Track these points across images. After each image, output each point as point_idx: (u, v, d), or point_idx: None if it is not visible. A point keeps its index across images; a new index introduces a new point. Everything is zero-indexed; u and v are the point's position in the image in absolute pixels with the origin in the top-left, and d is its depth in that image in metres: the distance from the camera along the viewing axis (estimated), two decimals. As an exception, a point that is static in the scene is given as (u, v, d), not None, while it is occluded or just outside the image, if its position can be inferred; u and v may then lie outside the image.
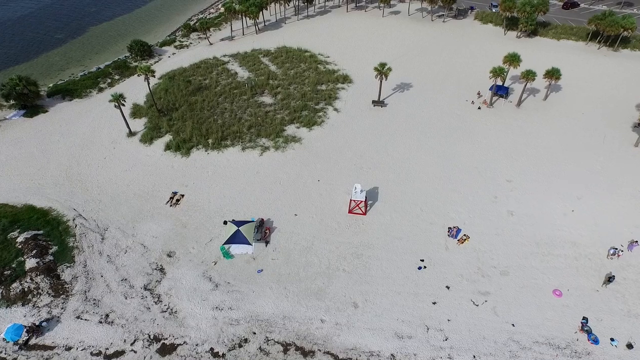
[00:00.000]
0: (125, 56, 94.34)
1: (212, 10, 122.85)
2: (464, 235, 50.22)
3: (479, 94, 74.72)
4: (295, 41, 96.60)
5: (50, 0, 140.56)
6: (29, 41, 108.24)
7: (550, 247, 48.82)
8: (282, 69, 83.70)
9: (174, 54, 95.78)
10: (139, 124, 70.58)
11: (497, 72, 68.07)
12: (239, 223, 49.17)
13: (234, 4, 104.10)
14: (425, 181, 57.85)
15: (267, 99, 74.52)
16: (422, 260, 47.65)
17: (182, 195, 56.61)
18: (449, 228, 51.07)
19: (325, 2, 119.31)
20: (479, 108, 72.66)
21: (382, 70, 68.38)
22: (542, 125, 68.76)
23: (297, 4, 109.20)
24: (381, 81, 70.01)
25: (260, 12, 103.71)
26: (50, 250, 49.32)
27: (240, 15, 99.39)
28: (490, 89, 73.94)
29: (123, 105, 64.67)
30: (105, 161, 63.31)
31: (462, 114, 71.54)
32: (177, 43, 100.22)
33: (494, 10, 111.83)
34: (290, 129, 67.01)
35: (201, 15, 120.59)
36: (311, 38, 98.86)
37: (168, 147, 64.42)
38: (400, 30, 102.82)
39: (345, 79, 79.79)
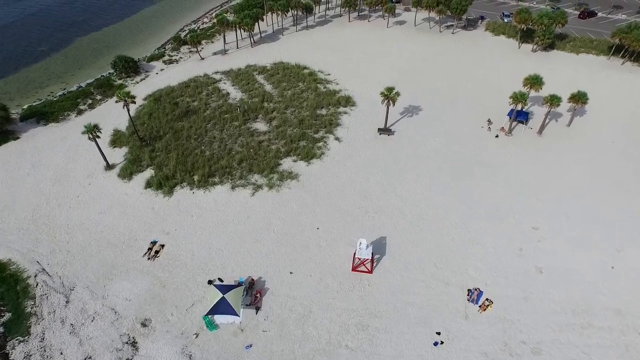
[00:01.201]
0: (109, 73, 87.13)
1: (205, 20, 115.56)
2: (487, 300, 43.08)
3: (489, 122, 67.31)
4: (293, 56, 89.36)
5: (36, 8, 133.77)
6: (9, 54, 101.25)
7: (589, 317, 41.66)
8: (278, 89, 76.47)
9: (162, 70, 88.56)
10: (118, 154, 63.51)
11: (518, 98, 60.75)
12: (224, 288, 42.04)
13: (226, 15, 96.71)
14: (439, 229, 50.66)
15: (261, 125, 67.30)
16: (439, 334, 40.56)
17: (162, 246, 49.54)
18: (469, 290, 43.94)
19: (325, 10, 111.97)
20: (497, 136, 65.39)
21: (390, 96, 61.16)
22: (568, 157, 61.49)
23: (295, 13, 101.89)
24: (388, 107, 62.76)
25: (256, 24, 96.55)
26: (2, 319, 42.26)
27: (234, 28, 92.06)
28: (509, 114, 66.68)
29: (98, 137, 57.52)
30: (78, 200, 56.28)
31: (478, 143, 64.27)
32: (166, 57, 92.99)
33: (505, 21, 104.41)
34: (286, 163, 59.82)
35: (194, 25, 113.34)
36: (310, 52, 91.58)
37: (149, 184, 57.34)
38: (406, 43, 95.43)
39: (348, 101, 72.50)
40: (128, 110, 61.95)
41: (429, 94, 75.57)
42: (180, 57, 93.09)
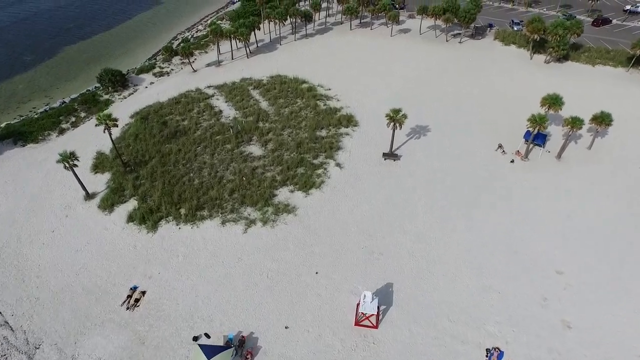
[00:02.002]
0: (95, 87, 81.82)
1: (199, 27, 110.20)
2: (509, 362, 37.83)
3: (500, 146, 61.91)
4: (291, 67, 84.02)
5: (27, 14, 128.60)
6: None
7: (628, 386, 36.38)
8: (274, 106, 71.11)
9: (152, 83, 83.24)
10: (101, 181, 58.29)
11: (537, 121, 55.35)
12: (210, 350, 36.78)
13: (220, 24, 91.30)
14: (451, 273, 45.34)
15: (255, 148, 61.98)
16: (456, 407, 35.29)
17: (143, 293, 44.30)
18: (487, 350, 38.67)
19: (326, 17, 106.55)
20: (512, 161, 59.99)
21: (396, 118, 55.79)
22: (593, 186, 56.11)
23: (294, 21, 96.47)
24: (394, 131, 57.42)
25: (252, 33, 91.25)
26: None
27: (228, 37, 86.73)
28: (526, 137, 61.32)
29: (75, 166, 52.26)
30: (53, 236, 51.03)
31: (491, 168, 58.90)
32: (156, 69, 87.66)
33: (515, 29, 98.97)
34: (282, 194, 54.50)
35: (187, 33, 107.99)
36: (310, 63, 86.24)
37: (131, 217, 52.06)
38: (411, 53, 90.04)
39: (350, 120, 67.12)
40: (110, 134, 56.63)
41: (437, 112, 70.20)
42: (172, 69, 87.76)
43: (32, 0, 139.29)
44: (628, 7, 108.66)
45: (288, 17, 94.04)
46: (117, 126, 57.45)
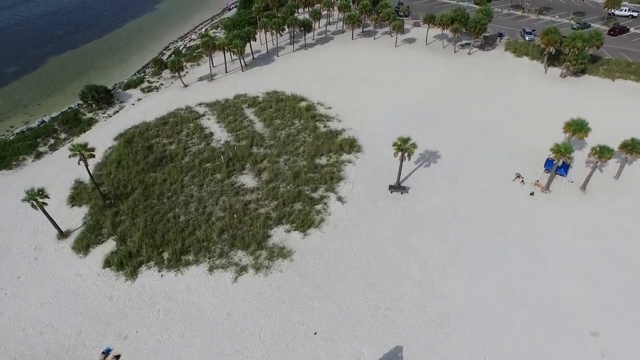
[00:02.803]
0: (78, 104, 76.06)
1: (193, 37, 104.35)
2: None
3: (518, 176, 56.10)
4: (289, 82, 78.30)
5: (16, 19, 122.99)
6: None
7: None
8: (270, 128, 65.34)
9: (139, 100, 77.46)
10: (77, 216, 52.64)
11: (563, 152, 49.54)
12: None
13: (213, 35, 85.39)
14: (470, 334, 39.60)
15: (248, 179, 56.22)
16: None
17: (117, 357, 38.64)
18: None
19: (326, 26, 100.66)
20: (532, 193, 54.18)
21: (405, 147, 50.00)
22: (624, 221, 50.32)
23: (292, 31, 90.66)
24: (402, 161, 51.66)
25: (248, 44, 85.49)
26: None
27: (222, 49, 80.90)
28: (547, 166, 55.61)
29: (45, 204, 46.57)
30: (18, 284, 45.40)
31: (509, 202, 53.09)
32: (145, 84, 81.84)
33: (527, 39, 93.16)
34: (278, 234, 48.74)
35: (180, 43, 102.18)
36: (308, 77, 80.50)
37: (108, 262, 46.38)
38: (418, 66, 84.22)
39: (352, 145, 61.30)
40: (86, 165, 50.87)
41: (447, 134, 64.39)
42: (161, 84, 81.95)
43: (22, 4, 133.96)
44: (613, 10, 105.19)
45: (286, 26, 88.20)
46: (94, 156, 51.71)
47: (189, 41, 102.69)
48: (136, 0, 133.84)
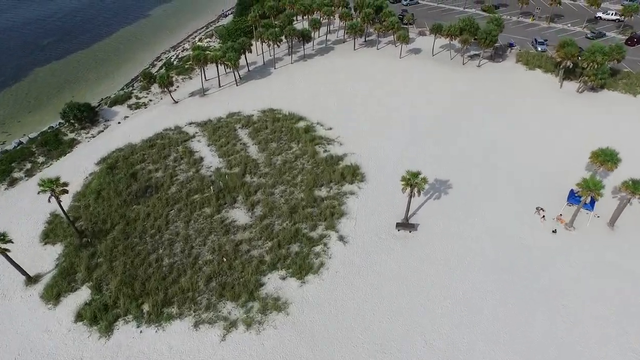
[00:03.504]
0: (59, 123, 70.75)
1: (186, 46, 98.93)
2: None
3: (539, 210, 50.78)
4: (286, 98, 73.10)
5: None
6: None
7: None
8: (265, 152, 60.04)
9: (126, 118, 72.15)
10: (50, 256, 47.43)
11: (592, 189, 44.23)
12: None
13: (204, 49, 79.87)
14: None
15: (240, 214, 50.89)
16: None
17: None
18: None
19: (327, 34, 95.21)
20: (554, 231, 48.87)
21: (415, 182, 44.70)
22: (659, 267, 45.09)
23: (290, 42, 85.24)
24: (411, 197, 46.38)
25: (243, 55, 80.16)
26: None
27: (215, 63, 75.52)
28: (570, 200, 50.34)
29: (7, 250, 41.32)
30: (-21, 340, 40.13)
31: (528, 241, 47.76)
32: (132, 100, 76.51)
33: (539, 49, 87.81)
34: (272, 281, 43.46)
35: (172, 53, 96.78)
36: (307, 92, 75.24)
37: (81, 315, 41.13)
38: (424, 81, 78.84)
39: (355, 173, 55.96)
40: (59, 202, 45.55)
41: (458, 160, 59.06)
42: (150, 100, 76.64)
43: (10, 10, 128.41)
44: (599, 14, 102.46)
45: (284, 37, 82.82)
46: (67, 192, 46.27)
47: (182, 51, 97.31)
48: (129, 5, 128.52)
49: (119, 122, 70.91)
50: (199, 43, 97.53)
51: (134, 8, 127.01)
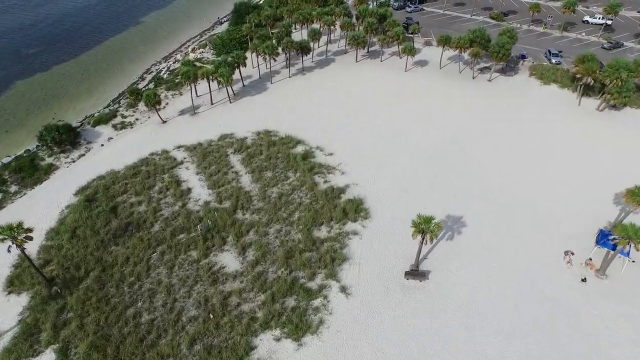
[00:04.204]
0: (37, 146, 65.25)
1: (178, 57, 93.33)
2: None
3: (567, 255, 45.24)
4: (283, 117, 67.77)
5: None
6: None
7: None
8: (259, 182, 54.56)
9: (110, 139, 66.63)
10: (13, 308, 42.11)
11: (630, 235, 38.70)
12: None
13: (194, 65, 74.17)
14: None
15: (230, 258, 45.43)
16: None
17: None
18: None
19: (327, 44, 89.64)
20: (584, 280, 43.39)
21: (427, 229, 39.23)
22: None
23: (288, 54, 79.65)
24: (422, 244, 40.91)
25: (237, 70, 74.66)
26: None
27: (207, 79, 70.04)
28: (601, 242, 44.83)
29: (-40, 313, 35.93)
30: None
31: (554, 293, 42.23)
32: (118, 119, 70.97)
33: (553, 62, 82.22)
34: (265, 343, 38.00)
35: (163, 64, 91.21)
36: (306, 111, 69.83)
37: (43, 388, 35.76)
38: (433, 97, 73.34)
39: (359, 208, 50.43)
40: (22, 251, 40.12)
41: (472, 192, 53.52)
42: (137, 119, 71.09)
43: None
44: (587, 18, 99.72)
45: (280, 50, 77.30)
46: (32, 238, 40.82)
47: (174, 62, 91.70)
48: (121, 12, 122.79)
49: (102, 145, 65.41)
50: (192, 54, 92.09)
51: (126, 14, 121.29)
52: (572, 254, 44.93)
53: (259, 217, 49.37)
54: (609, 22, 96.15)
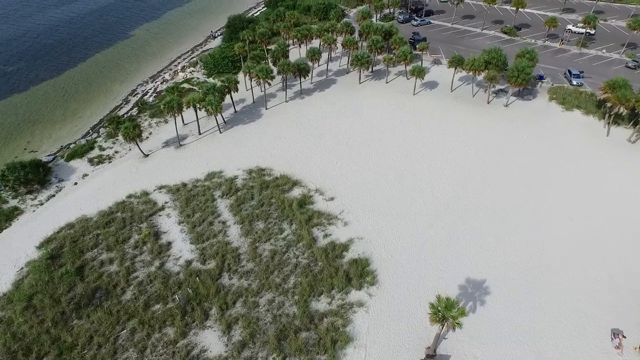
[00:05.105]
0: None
1: (167, 77, 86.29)
2: None
3: (617, 337, 37.97)
4: (278, 151, 60.86)
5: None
6: None
7: None
8: (250, 237, 47.38)
9: (84, 176, 59.53)
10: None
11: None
12: None
13: (180, 88, 67.44)
14: None
15: (212, 337, 38.27)
16: None
17: None
18: None
19: (327, 63, 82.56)
20: (633, 367, 36.23)
21: (449, 316, 32.05)
22: None
23: (284, 77, 72.55)
24: (442, 331, 33.74)
25: (229, 94, 67.73)
26: None
27: (194, 107, 63.08)
28: (653, 322, 37.71)
29: None
30: None
31: (602, 384, 35.13)
32: (95, 152, 63.91)
33: (574, 83, 75.17)
34: None
35: (150, 85, 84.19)
36: (304, 142, 63.02)
37: None
38: (445, 126, 66.34)
39: (364, 272, 43.19)
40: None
41: (495, 252, 46.18)
42: (116, 152, 64.01)
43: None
44: (569, 26, 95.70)
45: (276, 73, 70.31)
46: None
47: (162, 82, 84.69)
48: (111, 23, 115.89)
49: (76, 183, 58.34)
50: (181, 73, 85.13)
51: (116, 26, 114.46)
52: (623, 336, 37.63)
53: (249, 283, 42.17)
54: (592, 32, 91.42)
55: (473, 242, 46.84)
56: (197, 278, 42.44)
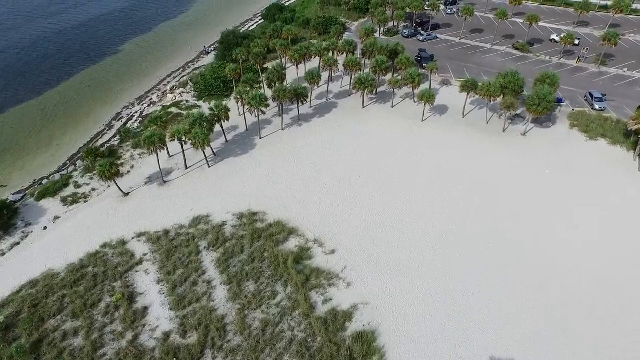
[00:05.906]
0: (-40, 231, 51.83)
1: (154, 98, 79.92)
2: None
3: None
4: (272, 191, 54.64)
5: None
6: None
7: None
8: (238, 301, 40.93)
9: (56, 219, 53.13)
10: None
11: None
12: None
13: (162, 118, 61.33)
14: None
15: None
16: None
17: None
18: None
19: (328, 83, 76.14)
20: None
21: None
22: None
23: (280, 104, 66.16)
24: None
25: (219, 123, 61.52)
26: None
27: (179, 139, 56.79)
28: None
29: None
30: None
31: None
32: (69, 190, 57.51)
33: (597, 107, 68.95)
34: None
35: (137, 107, 77.90)
36: (301, 178, 56.86)
37: None
38: (458, 160, 59.99)
39: (371, 350, 36.65)
40: None
41: (517, 323, 39.84)
42: (93, 190, 57.66)
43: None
44: (554, 36, 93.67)
45: (271, 100, 64.02)
46: None
47: (149, 104, 78.38)
48: (100, 37, 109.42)
49: (45, 227, 51.97)
50: (170, 94, 78.89)
51: (105, 40, 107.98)
52: None
53: (235, 365, 35.79)
54: (576, 42, 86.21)
55: (495, 308, 40.38)
56: (174, 359, 35.95)
